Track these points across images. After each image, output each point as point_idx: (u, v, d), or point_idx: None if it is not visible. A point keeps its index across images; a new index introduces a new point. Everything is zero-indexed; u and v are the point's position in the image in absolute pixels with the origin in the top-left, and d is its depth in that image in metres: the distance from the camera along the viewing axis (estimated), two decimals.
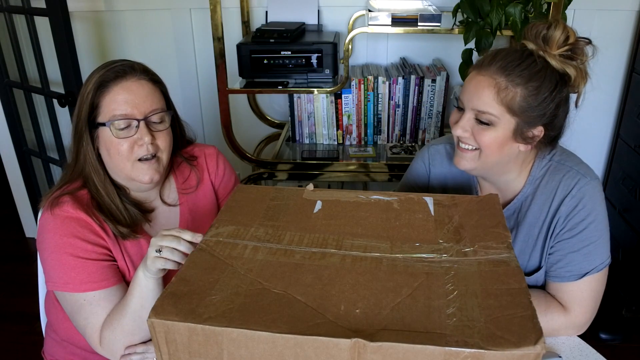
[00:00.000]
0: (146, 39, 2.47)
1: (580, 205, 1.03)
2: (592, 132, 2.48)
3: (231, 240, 0.80)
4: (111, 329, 1.01)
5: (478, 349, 0.58)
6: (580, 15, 2.26)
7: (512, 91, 0.98)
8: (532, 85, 0.98)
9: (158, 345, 0.66)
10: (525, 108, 0.98)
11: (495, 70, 0.99)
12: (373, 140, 2.29)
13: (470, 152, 1.05)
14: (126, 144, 1.04)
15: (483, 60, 1.02)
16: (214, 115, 2.50)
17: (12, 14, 2.14)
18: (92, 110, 1.04)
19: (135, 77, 1.05)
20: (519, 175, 1.10)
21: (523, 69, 0.98)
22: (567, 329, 1.05)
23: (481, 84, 1.00)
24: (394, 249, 0.78)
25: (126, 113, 1.03)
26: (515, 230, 1.12)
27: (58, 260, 1.03)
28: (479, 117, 1.01)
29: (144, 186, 1.11)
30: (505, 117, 0.99)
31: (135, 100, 1.03)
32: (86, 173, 1.08)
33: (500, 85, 0.98)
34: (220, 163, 1.27)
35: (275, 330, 0.61)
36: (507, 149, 1.03)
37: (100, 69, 1.06)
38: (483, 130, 1.01)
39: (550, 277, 1.08)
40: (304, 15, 2.26)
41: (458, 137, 1.06)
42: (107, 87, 1.03)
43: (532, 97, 0.98)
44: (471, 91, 1.01)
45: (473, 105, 1.01)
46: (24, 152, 2.43)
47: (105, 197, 1.08)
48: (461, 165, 1.08)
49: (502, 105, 0.98)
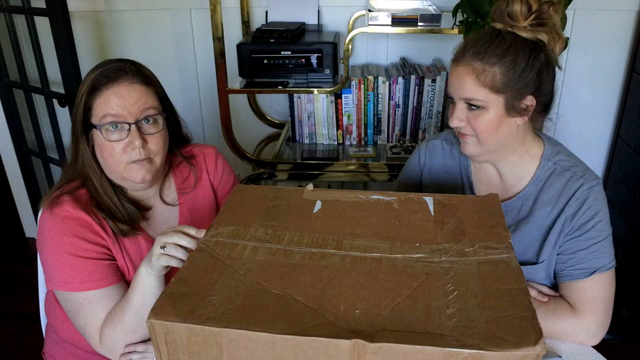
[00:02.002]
0: (146, 39, 2.47)
1: (585, 206, 1.06)
2: (592, 132, 2.48)
3: (231, 241, 0.80)
4: (112, 327, 1.01)
5: (478, 350, 0.58)
6: (580, 15, 2.26)
7: (490, 71, 1.02)
8: (507, 60, 1.01)
9: (157, 346, 0.66)
10: (508, 83, 1.02)
11: (470, 58, 1.03)
12: (373, 140, 2.29)
13: (470, 136, 1.09)
14: (118, 147, 1.04)
15: (458, 52, 1.07)
16: (214, 115, 2.50)
17: (12, 14, 2.14)
18: (85, 112, 1.05)
19: (128, 81, 1.04)
20: (521, 159, 1.13)
21: (495, 48, 1.02)
22: (577, 333, 1.04)
23: (461, 74, 1.04)
24: (393, 249, 0.78)
25: (116, 116, 1.02)
26: (513, 227, 1.13)
27: (58, 260, 1.03)
28: (469, 103, 1.05)
29: (138, 186, 1.12)
30: (492, 97, 1.03)
31: (126, 104, 1.03)
32: (85, 172, 1.09)
33: (478, 69, 1.02)
34: (219, 163, 1.27)
35: (275, 331, 0.61)
36: (505, 126, 1.06)
37: (94, 70, 1.05)
38: (477, 115, 1.05)
39: (560, 277, 1.09)
40: (304, 15, 2.26)
41: (456, 128, 1.10)
42: (99, 91, 1.03)
43: (510, 72, 1.01)
44: (454, 83, 1.06)
45: (460, 95, 1.06)
46: (24, 152, 2.43)
47: (103, 196, 1.08)
48: (466, 151, 1.12)
49: (485, 87, 1.02)
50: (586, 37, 2.30)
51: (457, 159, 1.24)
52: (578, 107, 2.42)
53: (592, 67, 2.37)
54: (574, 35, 2.27)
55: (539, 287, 1.10)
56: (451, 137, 1.25)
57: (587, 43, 2.32)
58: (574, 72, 2.36)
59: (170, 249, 0.90)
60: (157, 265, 0.93)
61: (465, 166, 1.22)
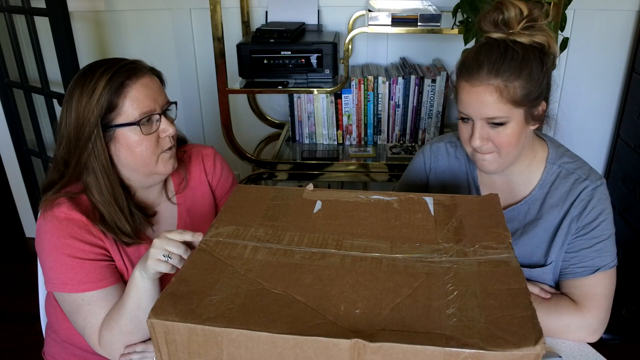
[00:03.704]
0: (146, 39, 2.47)
1: (590, 206, 1.07)
2: (592, 132, 2.48)
3: (231, 241, 0.80)
4: (109, 329, 1.01)
5: (478, 350, 0.58)
6: (580, 15, 2.26)
7: (511, 87, 0.99)
8: (525, 73, 0.99)
9: (158, 346, 0.66)
10: (527, 95, 1.01)
11: (486, 76, 0.99)
12: (373, 140, 2.29)
13: (490, 154, 1.06)
14: (153, 139, 1.05)
15: (469, 69, 1.02)
16: (214, 115, 2.50)
17: (12, 14, 2.14)
18: (106, 113, 1.01)
19: (147, 74, 1.06)
20: (529, 165, 1.13)
21: (509, 62, 0.99)
22: (580, 329, 1.05)
23: (482, 94, 1.00)
24: (393, 249, 0.78)
25: (151, 110, 1.04)
26: (520, 231, 1.13)
27: (56, 261, 1.03)
28: (490, 121, 1.03)
29: (159, 178, 1.13)
30: (514, 111, 1.01)
31: (154, 95, 1.05)
32: (88, 180, 1.05)
33: (500, 87, 0.99)
34: (217, 163, 1.27)
35: (275, 331, 0.61)
36: (523, 135, 1.06)
37: (103, 70, 1.01)
38: (499, 132, 1.03)
39: (563, 275, 1.10)
40: (304, 15, 2.26)
41: (475, 149, 1.06)
42: (125, 87, 1.02)
43: (529, 83, 1.00)
44: (474, 104, 1.02)
45: (482, 115, 1.02)
46: (24, 152, 2.43)
47: (110, 204, 1.05)
48: (486, 168, 1.09)
49: (508, 103, 1.00)
50: (586, 37, 2.30)
51: (462, 161, 1.23)
52: (578, 107, 2.42)
53: (592, 67, 2.37)
54: (574, 35, 2.27)
55: (541, 285, 1.10)
56: (455, 139, 1.24)
57: (587, 43, 2.32)
58: (574, 72, 2.36)
59: (175, 260, 0.91)
60: (153, 270, 0.92)
61: (472, 169, 1.22)
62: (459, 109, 1.06)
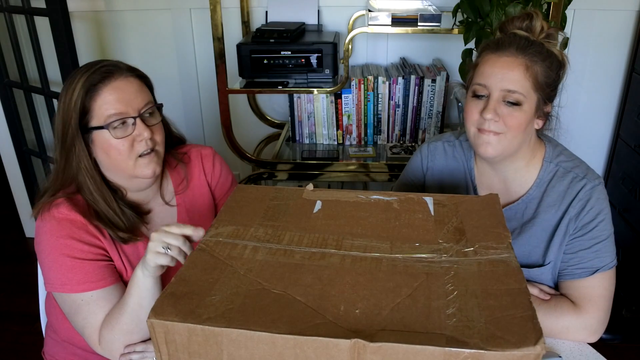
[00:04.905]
0: (146, 39, 2.47)
1: (588, 206, 1.07)
2: (592, 132, 2.48)
3: (231, 241, 0.80)
4: (110, 329, 1.01)
5: (478, 350, 0.58)
6: (580, 15, 2.26)
7: (536, 68, 1.03)
8: (547, 63, 1.04)
9: (158, 346, 0.66)
10: (545, 83, 1.05)
11: (515, 51, 1.03)
12: (373, 140, 2.29)
13: (495, 134, 1.06)
14: (126, 142, 1.04)
15: (499, 43, 1.06)
16: (214, 115, 2.50)
17: (12, 14, 2.14)
18: (82, 116, 1.03)
19: (122, 76, 1.04)
20: (527, 165, 1.13)
21: (537, 47, 1.04)
22: (579, 330, 1.05)
23: (509, 64, 1.03)
24: (393, 249, 0.78)
25: (121, 113, 1.02)
26: (517, 230, 1.13)
27: (55, 262, 1.03)
28: (508, 97, 1.04)
29: (144, 183, 1.11)
30: (531, 93, 1.04)
31: (127, 98, 1.03)
32: (79, 181, 1.06)
33: (527, 62, 1.03)
34: (216, 163, 1.27)
35: (275, 331, 0.61)
36: (529, 128, 1.08)
37: (83, 72, 1.03)
38: (511, 112, 1.04)
39: (562, 276, 1.10)
40: (304, 15, 2.26)
41: (479, 127, 1.06)
42: (97, 90, 1.02)
43: (549, 73, 1.05)
44: (498, 74, 1.04)
45: (503, 86, 1.04)
46: (24, 152, 2.43)
47: (101, 203, 1.06)
48: (487, 151, 1.07)
49: (530, 80, 1.03)
50: (586, 37, 2.30)
51: (460, 160, 1.23)
52: (578, 107, 2.42)
53: (592, 67, 2.36)
54: (574, 35, 2.27)
55: (540, 286, 1.10)
56: (453, 139, 1.25)
57: (587, 43, 2.32)
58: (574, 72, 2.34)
59: (174, 252, 0.90)
60: (153, 264, 0.92)
61: (469, 169, 1.22)
62: (478, 81, 1.06)
